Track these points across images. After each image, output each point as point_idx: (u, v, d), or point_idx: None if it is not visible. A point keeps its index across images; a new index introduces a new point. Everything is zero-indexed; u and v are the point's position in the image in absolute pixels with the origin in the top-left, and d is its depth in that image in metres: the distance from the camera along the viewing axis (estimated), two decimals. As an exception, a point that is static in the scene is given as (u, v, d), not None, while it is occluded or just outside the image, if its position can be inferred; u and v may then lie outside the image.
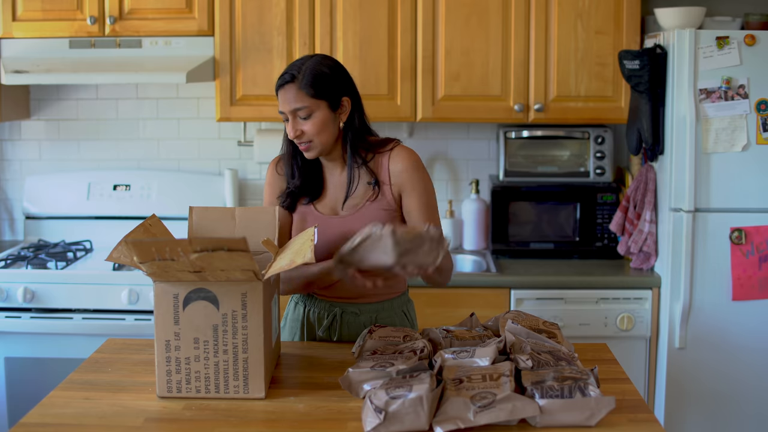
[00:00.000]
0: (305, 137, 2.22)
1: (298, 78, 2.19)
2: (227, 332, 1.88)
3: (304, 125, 2.21)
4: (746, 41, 3.06)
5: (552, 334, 2.08)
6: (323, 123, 2.22)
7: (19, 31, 3.45)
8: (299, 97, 2.19)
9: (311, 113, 2.20)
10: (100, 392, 1.96)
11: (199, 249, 1.75)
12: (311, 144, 2.23)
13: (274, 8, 3.41)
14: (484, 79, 3.42)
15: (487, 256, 3.55)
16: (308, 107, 2.19)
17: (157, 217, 2.06)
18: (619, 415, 1.80)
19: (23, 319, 3.25)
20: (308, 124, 2.21)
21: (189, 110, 3.83)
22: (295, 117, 2.21)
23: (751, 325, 3.14)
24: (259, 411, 1.86)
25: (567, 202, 3.53)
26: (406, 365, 1.89)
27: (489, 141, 3.79)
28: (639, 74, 3.16)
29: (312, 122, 2.20)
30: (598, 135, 3.53)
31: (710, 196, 3.12)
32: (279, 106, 2.24)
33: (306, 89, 2.19)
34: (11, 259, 3.36)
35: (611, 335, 3.23)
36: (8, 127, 3.85)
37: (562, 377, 1.79)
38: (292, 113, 2.21)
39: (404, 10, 3.40)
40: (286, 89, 2.21)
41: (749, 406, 3.18)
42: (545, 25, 3.40)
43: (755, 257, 3.11)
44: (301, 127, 2.21)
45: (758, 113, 3.08)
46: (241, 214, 2.17)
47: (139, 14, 3.43)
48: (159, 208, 3.62)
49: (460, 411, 1.70)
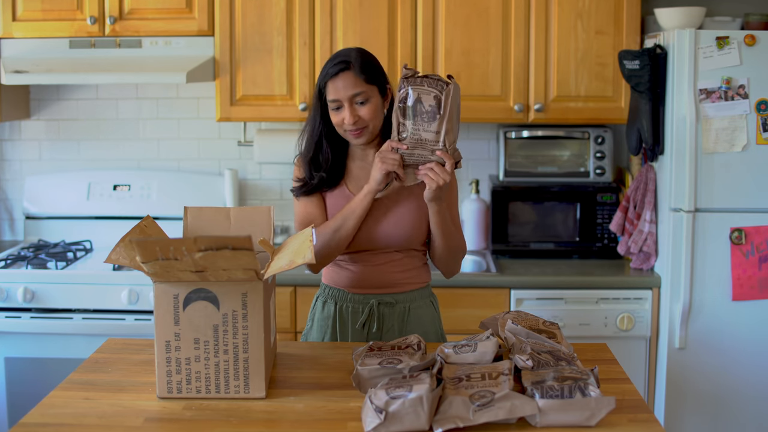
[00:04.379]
0: (361, 123, 2.26)
1: (354, 65, 2.24)
2: (227, 332, 1.88)
3: (361, 110, 2.26)
4: (746, 41, 3.06)
5: (552, 334, 2.08)
6: (377, 108, 2.28)
7: (19, 31, 3.45)
8: (357, 83, 2.24)
9: (368, 98, 2.26)
10: (100, 392, 1.96)
11: (204, 248, 1.75)
12: (365, 129, 2.28)
13: (274, 8, 3.42)
14: (484, 79, 3.43)
15: (487, 256, 3.55)
16: (365, 92, 2.25)
17: (151, 218, 2.06)
18: (619, 415, 1.80)
19: (23, 319, 3.25)
20: (364, 110, 2.26)
21: (189, 110, 3.83)
22: (351, 103, 2.25)
23: (751, 325, 3.14)
24: (259, 411, 1.86)
25: (567, 202, 3.53)
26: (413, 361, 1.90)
27: (489, 141, 3.79)
28: (639, 74, 3.16)
29: (368, 107, 2.26)
30: (598, 135, 3.53)
31: (710, 196, 3.12)
32: (331, 94, 2.25)
33: (362, 75, 2.24)
34: (11, 259, 3.37)
35: (611, 335, 3.23)
36: (8, 127, 3.86)
37: (562, 377, 1.79)
38: (349, 99, 2.24)
39: (404, 10, 3.40)
40: (343, 77, 2.24)
41: (749, 406, 3.18)
42: (545, 25, 3.40)
43: (755, 257, 3.11)
44: (358, 113, 2.25)
45: (758, 113, 3.08)
46: (236, 214, 2.17)
47: (139, 14, 3.43)
48: (159, 209, 3.62)
49: (460, 410, 1.70)
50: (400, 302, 2.39)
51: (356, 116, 2.25)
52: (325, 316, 2.42)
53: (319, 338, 2.43)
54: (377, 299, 2.37)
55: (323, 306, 2.44)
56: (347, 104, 2.24)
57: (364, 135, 2.28)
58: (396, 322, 2.38)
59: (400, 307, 2.38)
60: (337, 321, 2.40)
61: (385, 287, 2.38)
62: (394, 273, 2.38)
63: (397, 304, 2.38)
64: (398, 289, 2.39)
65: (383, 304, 2.38)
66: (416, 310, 2.40)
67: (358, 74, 2.24)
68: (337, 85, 2.24)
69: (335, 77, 2.25)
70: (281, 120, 3.54)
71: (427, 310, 2.43)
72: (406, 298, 2.39)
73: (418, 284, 2.42)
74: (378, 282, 2.37)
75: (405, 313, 2.39)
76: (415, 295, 2.41)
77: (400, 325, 2.38)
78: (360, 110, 2.25)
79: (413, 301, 2.40)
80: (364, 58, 2.28)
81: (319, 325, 2.44)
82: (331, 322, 2.41)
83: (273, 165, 3.81)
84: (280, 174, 3.84)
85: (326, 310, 2.42)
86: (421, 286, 2.43)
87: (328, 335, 2.42)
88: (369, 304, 2.37)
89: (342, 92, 2.24)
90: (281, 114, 3.48)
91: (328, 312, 2.42)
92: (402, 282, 2.38)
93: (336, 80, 2.24)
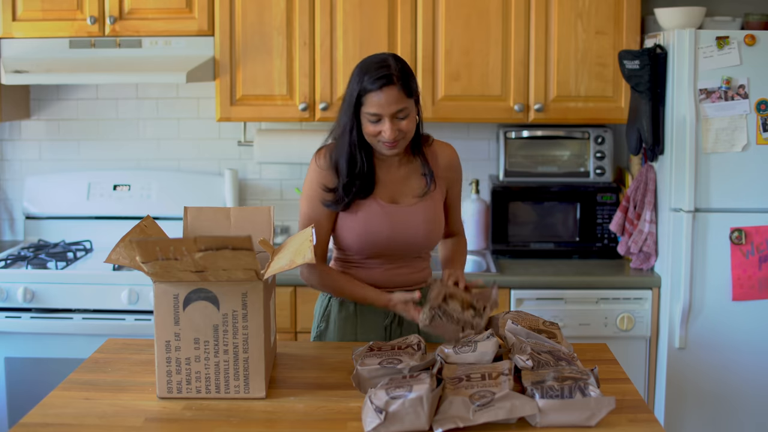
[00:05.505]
0: (399, 135, 2.23)
1: (396, 78, 2.18)
2: (227, 332, 1.88)
3: (401, 124, 2.21)
4: (746, 41, 3.06)
5: (552, 334, 2.08)
6: (414, 119, 2.25)
7: (19, 31, 3.45)
8: (400, 99, 2.19)
9: (409, 113, 2.22)
10: (100, 392, 1.96)
11: (204, 248, 1.75)
12: (401, 142, 2.25)
13: (274, 8, 3.42)
14: (484, 79, 3.43)
15: (487, 256, 3.55)
16: (407, 107, 2.21)
17: (151, 218, 2.06)
18: (619, 415, 1.80)
19: (23, 319, 3.25)
20: (404, 123, 2.21)
21: (189, 110, 3.83)
22: (393, 118, 2.19)
23: (751, 325, 3.14)
24: (259, 411, 1.86)
25: (567, 202, 3.53)
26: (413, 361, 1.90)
27: (489, 141, 3.79)
28: (639, 74, 3.16)
29: (408, 121, 2.22)
30: (598, 135, 3.53)
31: (710, 196, 3.12)
32: (372, 108, 2.18)
33: (404, 90, 2.19)
34: (11, 259, 3.36)
35: (611, 335, 3.23)
36: (8, 127, 3.85)
37: (562, 377, 1.79)
38: (392, 115, 2.19)
39: (404, 10, 3.40)
40: (387, 92, 2.17)
41: (749, 406, 3.18)
42: (545, 25, 3.40)
43: (755, 257, 3.11)
44: (400, 128, 2.21)
45: (758, 113, 3.08)
46: (236, 214, 2.17)
47: (139, 14, 3.43)
48: (159, 209, 3.62)
49: (460, 410, 1.71)
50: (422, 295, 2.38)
51: (397, 130, 2.20)
52: (345, 317, 2.40)
53: (338, 339, 2.41)
54: None
55: (340, 306, 2.41)
56: (388, 119, 2.18)
57: (398, 146, 2.25)
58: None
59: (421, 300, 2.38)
60: (357, 321, 2.39)
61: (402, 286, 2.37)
62: (410, 274, 2.40)
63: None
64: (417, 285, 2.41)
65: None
66: None
67: (401, 89, 2.18)
68: (380, 99, 2.17)
69: (378, 91, 2.17)
70: (281, 120, 3.54)
71: None
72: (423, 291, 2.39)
73: (425, 282, 2.44)
74: (396, 282, 2.37)
75: None
76: (424, 291, 2.41)
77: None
78: (400, 124, 2.20)
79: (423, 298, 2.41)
80: (404, 70, 2.21)
81: (338, 326, 2.41)
82: (350, 323, 2.39)
83: (273, 165, 3.81)
84: (280, 174, 3.84)
85: (345, 310, 2.40)
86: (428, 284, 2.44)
87: (347, 336, 2.40)
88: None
89: (386, 108, 2.17)
90: (281, 114, 3.48)
91: (348, 312, 2.40)
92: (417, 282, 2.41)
93: (379, 94, 2.17)
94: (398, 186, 2.35)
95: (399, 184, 2.35)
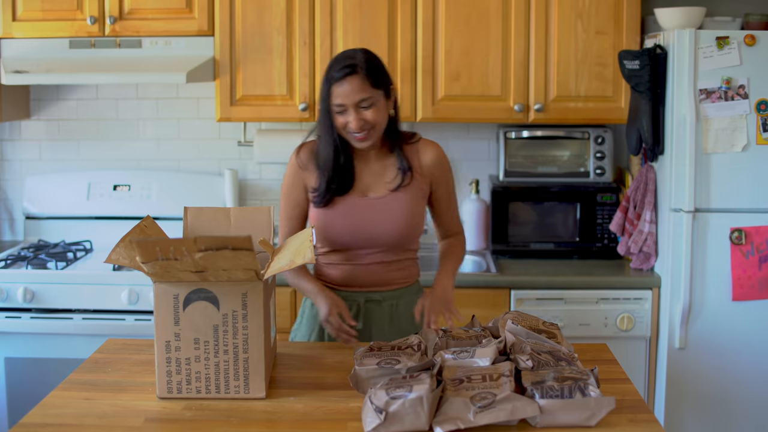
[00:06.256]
0: (366, 126, 2.24)
1: (360, 68, 2.21)
2: (227, 332, 1.88)
3: (367, 115, 2.23)
4: (746, 41, 3.06)
5: (552, 334, 2.08)
6: (383, 111, 2.27)
7: (19, 31, 3.45)
8: (364, 88, 2.21)
9: (374, 103, 2.23)
10: (100, 392, 1.96)
11: (204, 248, 1.75)
12: (370, 133, 2.26)
13: (274, 8, 3.42)
14: (484, 80, 3.42)
15: (487, 257, 3.55)
16: (371, 97, 2.23)
17: (151, 219, 2.07)
18: (619, 415, 1.80)
19: (23, 319, 3.24)
20: (370, 114, 2.23)
21: (189, 110, 3.83)
22: (357, 108, 2.22)
23: (751, 325, 3.14)
24: (259, 411, 1.86)
25: (567, 202, 3.53)
26: (412, 361, 1.90)
27: (489, 141, 3.79)
28: (639, 74, 3.16)
29: (374, 111, 2.24)
30: (598, 135, 3.53)
31: (710, 196, 3.12)
32: (337, 99, 2.23)
33: (368, 79, 2.21)
34: (11, 259, 3.36)
35: (611, 335, 3.23)
36: (8, 127, 3.85)
37: (562, 377, 1.79)
38: (355, 105, 2.22)
39: (404, 10, 3.40)
40: (349, 81, 2.21)
41: (749, 406, 3.18)
42: (545, 25, 3.40)
43: (755, 257, 3.11)
44: (363, 117, 2.23)
45: (758, 113, 3.08)
46: (236, 214, 2.18)
47: (139, 14, 3.43)
48: (159, 209, 3.62)
49: (460, 411, 1.70)
50: (388, 299, 2.40)
51: (362, 120, 2.23)
52: (314, 314, 2.43)
53: (307, 335, 2.44)
54: (365, 297, 2.39)
55: (312, 305, 2.44)
56: (353, 109, 2.22)
57: (369, 138, 2.27)
58: (385, 318, 2.40)
59: (388, 304, 2.40)
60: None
61: (373, 286, 2.39)
62: (383, 272, 2.39)
63: (384, 302, 2.40)
64: (386, 288, 2.40)
65: (370, 301, 2.39)
66: (405, 306, 2.42)
67: (365, 79, 2.21)
68: (344, 89, 2.21)
69: (342, 80, 2.21)
70: (281, 120, 3.54)
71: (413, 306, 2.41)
72: (393, 296, 2.41)
73: (406, 282, 2.44)
74: (366, 281, 2.38)
75: (393, 309, 2.40)
76: (402, 291, 2.42)
77: (389, 321, 2.39)
78: (365, 114, 2.23)
79: (401, 298, 2.42)
80: (370, 61, 2.25)
81: (307, 323, 2.45)
82: (319, 320, 2.40)
83: (273, 165, 3.80)
84: (280, 174, 3.84)
85: (315, 307, 2.42)
86: (410, 283, 2.45)
87: (315, 333, 2.43)
88: (356, 301, 2.38)
89: (349, 97, 2.21)
90: (281, 114, 3.48)
91: (316, 310, 2.41)
92: (390, 281, 2.40)
93: (344, 84, 2.21)
94: (372, 179, 2.36)
95: (373, 177, 2.36)
